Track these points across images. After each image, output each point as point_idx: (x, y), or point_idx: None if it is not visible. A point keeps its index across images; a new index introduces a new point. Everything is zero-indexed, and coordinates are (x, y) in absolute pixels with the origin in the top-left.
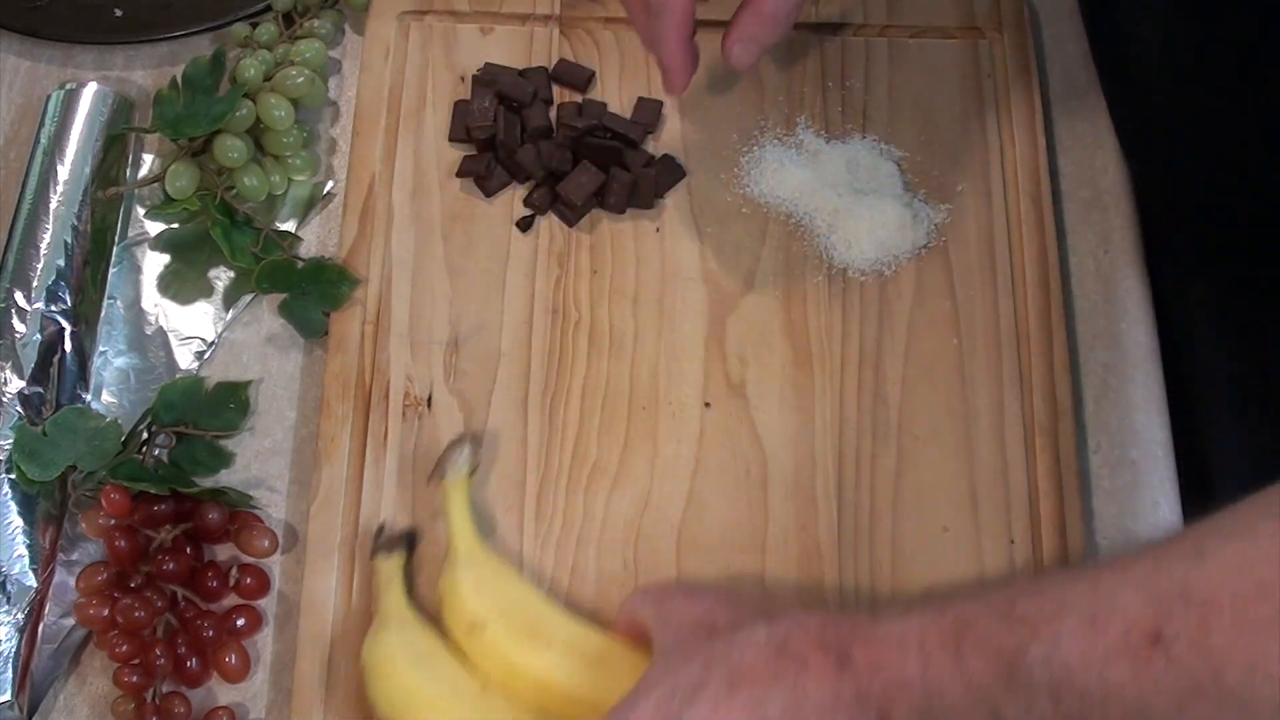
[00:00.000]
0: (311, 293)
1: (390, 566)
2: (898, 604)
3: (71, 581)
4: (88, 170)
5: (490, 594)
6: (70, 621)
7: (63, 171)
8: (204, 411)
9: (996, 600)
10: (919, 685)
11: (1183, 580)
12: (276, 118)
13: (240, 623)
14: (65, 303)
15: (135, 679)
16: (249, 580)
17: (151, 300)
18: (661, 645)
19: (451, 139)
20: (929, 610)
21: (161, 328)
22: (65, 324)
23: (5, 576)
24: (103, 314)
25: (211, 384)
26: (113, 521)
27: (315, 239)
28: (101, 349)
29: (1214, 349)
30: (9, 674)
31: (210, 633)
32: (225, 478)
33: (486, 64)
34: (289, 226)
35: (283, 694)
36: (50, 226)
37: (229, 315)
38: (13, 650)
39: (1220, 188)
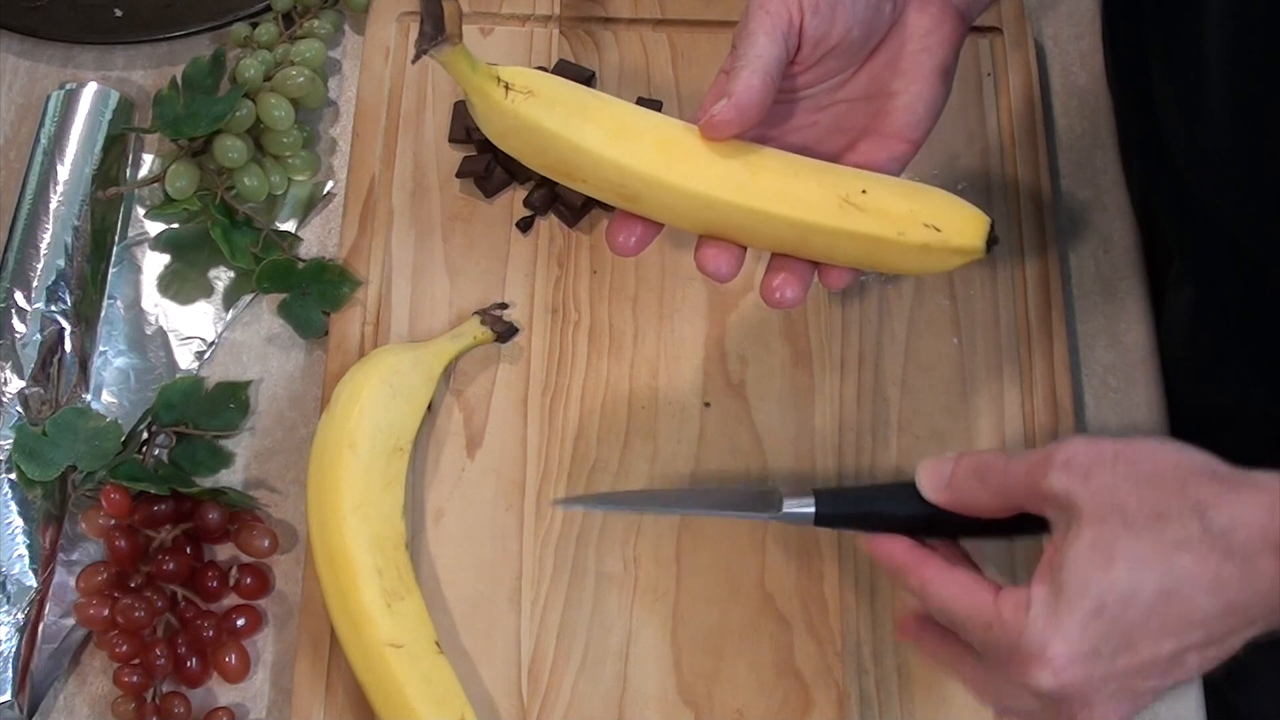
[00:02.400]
0: (311, 293)
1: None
2: None
3: (71, 581)
4: (88, 170)
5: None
6: (70, 621)
7: (63, 171)
8: (204, 411)
9: None
10: None
11: None
12: (276, 118)
13: (240, 623)
14: (65, 303)
15: (135, 679)
16: (249, 580)
17: (151, 300)
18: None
19: (451, 139)
20: None
21: (161, 328)
22: (65, 324)
23: (5, 576)
24: (103, 314)
25: (211, 384)
26: (113, 521)
27: (315, 239)
28: (101, 349)
29: (1214, 349)
30: (9, 674)
31: (210, 633)
32: (225, 478)
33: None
34: (289, 226)
35: (283, 694)
36: (50, 226)
37: (229, 315)
38: (13, 650)
39: (1220, 188)
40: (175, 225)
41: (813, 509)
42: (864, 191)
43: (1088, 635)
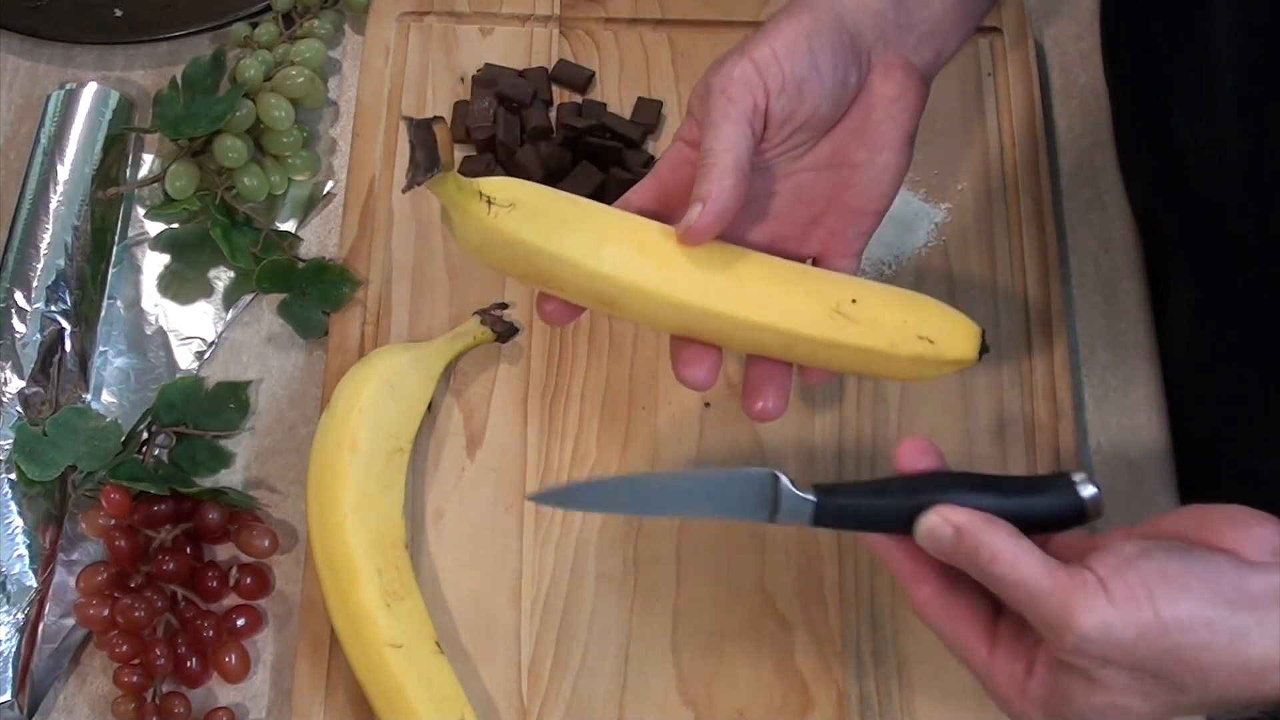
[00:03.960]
0: (311, 293)
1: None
2: None
3: (71, 581)
4: (88, 170)
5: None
6: (70, 621)
7: (63, 171)
8: (204, 411)
9: None
10: None
11: None
12: (276, 118)
13: (240, 623)
14: (65, 303)
15: (135, 679)
16: (249, 580)
17: (151, 300)
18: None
19: (452, 139)
20: None
21: (161, 328)
22: (65, 324)
23: (5, 576)
24: (103, 314)
25: (211, 384)
26: (113, 521)
27: (315, 239)
28: (101, 349)
29: (1214, 349)
30: (9, 674)
31: (210, 633)
32: (225, 478)
33: (486, 64)
34: (289, 226)
35: (283, 694)
36: (50, 226)
37: (229, 315)
38: (13, 650)
39: (1224, 187)
40: (175, 225)
41: (811, 509)
42: (854, 301)
43: None
